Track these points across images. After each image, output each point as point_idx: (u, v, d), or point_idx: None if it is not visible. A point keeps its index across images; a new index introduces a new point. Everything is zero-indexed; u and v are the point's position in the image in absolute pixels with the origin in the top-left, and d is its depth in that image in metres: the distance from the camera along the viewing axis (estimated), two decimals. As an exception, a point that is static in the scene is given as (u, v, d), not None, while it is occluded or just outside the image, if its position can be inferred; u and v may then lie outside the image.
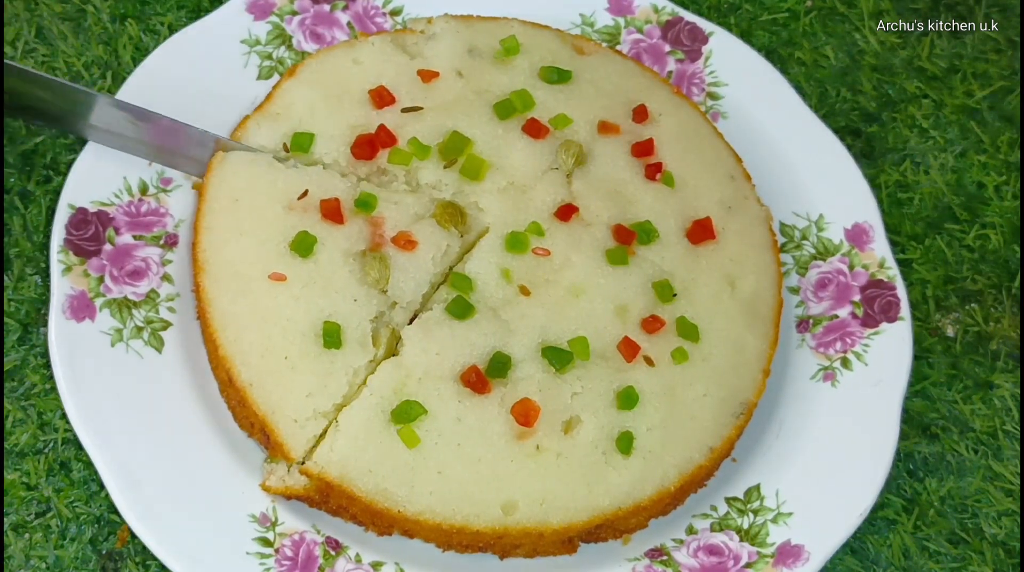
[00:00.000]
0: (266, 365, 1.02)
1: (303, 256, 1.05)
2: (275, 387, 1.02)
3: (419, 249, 1.07)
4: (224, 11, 1.23)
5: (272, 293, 1.04)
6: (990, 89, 1.39)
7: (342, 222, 1.07)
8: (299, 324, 1.03)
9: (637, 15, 1.30)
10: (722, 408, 1.09)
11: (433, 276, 1.07)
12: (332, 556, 1.03)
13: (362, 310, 1.04)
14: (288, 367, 1.02)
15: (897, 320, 1.17)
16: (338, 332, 1.02)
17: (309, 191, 1.08)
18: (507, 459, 1.02)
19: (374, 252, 1.06)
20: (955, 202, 1.33)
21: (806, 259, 1.22)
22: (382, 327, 1.04)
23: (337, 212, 1.07)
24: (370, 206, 1.08)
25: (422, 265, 1.06)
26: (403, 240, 1.07)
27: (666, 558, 1.07)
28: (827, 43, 1.40)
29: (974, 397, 1.23)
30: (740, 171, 1.21)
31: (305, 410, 1.01)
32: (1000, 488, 1.19)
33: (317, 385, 1.02)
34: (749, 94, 1.28)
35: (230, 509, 1.03)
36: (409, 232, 1.07)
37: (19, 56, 1.26)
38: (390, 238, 1.07)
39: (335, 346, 1.02)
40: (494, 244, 1.10)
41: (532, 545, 1.04)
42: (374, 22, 1.26)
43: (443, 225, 1.08)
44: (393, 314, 1.05)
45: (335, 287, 1.04)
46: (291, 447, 1.01)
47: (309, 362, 1.02)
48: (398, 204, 1.09)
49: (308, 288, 1.04)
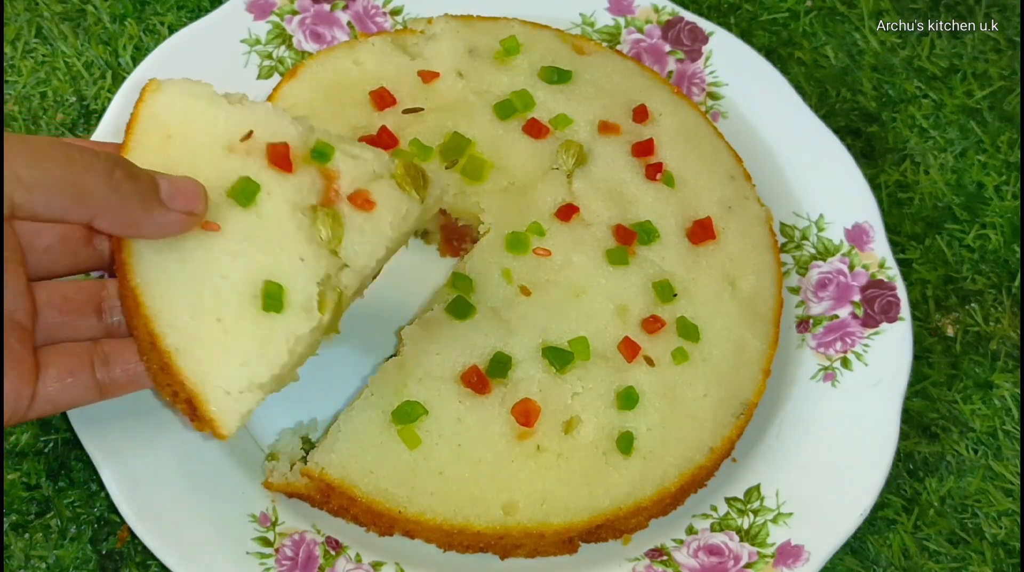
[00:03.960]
0: (196, 328, 0.89)
1: (243, 205, 0.92)
2: (205, 354, 0.88)
3: (377, 210, 0.95)
4: (224, 10, 1.23)
5: (205, 245, 0.90)
6: (990, 89, 1.39)
7: (290, 170, 0.94)
8: (236, 283, 0.90)
9: (637, 15, 1.30)
10: (722, 408, 1.09)
11: (390, 241, 0.96)
12: (332, 556, 1.03)
13: (309, 271, 0.91)
14: (221, 331, 0.89)
15: (897, 320, 1.17)
16: (280, 293, 0.90)
17: (255, 133, 0.94)
18: (508, 459, 1.02)
19: (326, 208, 0.94)
20: (955, 202, 1.33)
21: (806, 259, 1.22)
22: (329, 291, 0.92)
23: (285, 158, 0.94)
24: (325, 157, 0.96)
25: (379, 228, 0.95)
26: (361, 199, 0.95)
27: (666, 558, 1.07)
28: (827, 43, 1.40)
29: (974, 397, 1.23)
30: (740, 171, 1.21)
31: (239, 381, 0.88)
32: (1000, 488, 1.19)
33: (254, 352, 0.89)
34: (749, 94, 1.28)
35: (230, 509, 1.03)
36: (367, 190, 0.95)
37: (19, 56, 1.26)
38: (346, 195, 0.95)
39: (276, 309, 0.90)
40: (494, 244, 1.10)
41: (533, 545, 1.04)
42: (374, 22, 1.26)
43: (403, 187, 0.97)
44: (342, 277, 0.93)
45: (279, 243, 0.91)
46: (222, 422, 0.88)
47: (246, 326, 0.89)
48: (356, 159, 0.96)
49: (248, 242, 0.91)
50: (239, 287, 0.90)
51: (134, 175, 0.83)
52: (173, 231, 0.88)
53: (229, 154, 0.93)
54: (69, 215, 0.81)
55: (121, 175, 0.82)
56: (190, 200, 0.88)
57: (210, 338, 0.89)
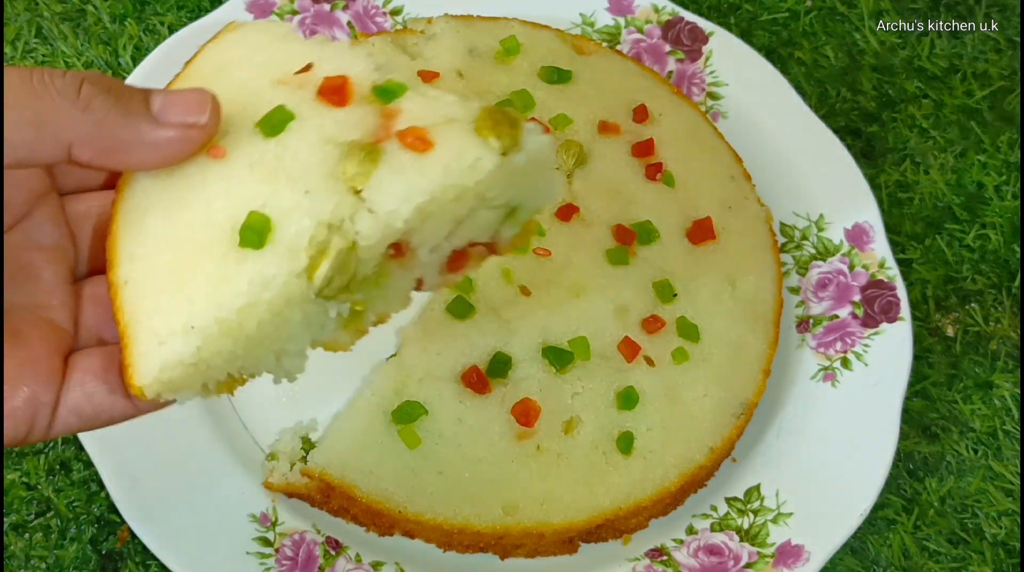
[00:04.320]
0: (155, 260, 0.70)
1: (267, 134, 0.71)
2: (151, 289, 0.69)
3: (432, 153, 0.68)
4: (224, 10, 1.22)
5: (203, 170, 0.70)
6: (990, 89, 1.39)
7: (341, 104, 0.72)
8: (218, 212, 0.68)
9: (637, 15, 1.30)
10: (722, 408, 1.09)
11: (436, 188, 0.66)
12: (332, 556, 1.03)
13: (312, 205, 0.67)
14: (181, 265, 0.69)
15: (897, 320, 1.17)
16: (264, 227, 0.67)
17: (316, 66, 0.74)
18: (508, 459, 1.02)
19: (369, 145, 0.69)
20: (955, 202, 1.33)
21: (806, 259, 1.22)
22: (335, 236, 0.67)
23: (339, 91, 0.73)
24: (391, 94, 0.72)
25: (425, 170, 0.67)
26: (414, 136, 0.69)
27: (666, 558, 1.06)
28: (827, 43, 1.40)
29: (974, 397, 1.23)
30: (740, 171, 1.21)
31: (174, 322, 0.66)
32: (1000, 488, 1.19)
33: (204, 290, 0.67)
34: (749, 94, 1.28)
35: (230, 509, 1.03)
36: (427, 129, 0.69)
37: (19, 56, 1.26)
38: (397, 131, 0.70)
39: (253, 244, 0.67)
40: (494, 244, 1.10)
41: (533, 545, 1.04)
42: (374, 22, 1.26)
43: (480, 132, 0.68)
44: (358, 222, 0.66)
45: (288, 172, 0.69)
46: (136, 369, 0.66)
47: (211, 261, 0.67)
48: (433, 100, 0.72)
49: (251, 169, 0.70)
50: (220, 218, 0.68)
51: (110, 88, 0.66)
52: (171, 151, 0.68)
53: (277, 87, 0.74)
54: (39, 152, 0.64)
55: (91, 90, 0.65)
56: (190, 109, 0.68)
57: (165, 272, 0.69)
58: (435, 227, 0.69)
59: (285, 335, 0.68)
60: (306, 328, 0.69)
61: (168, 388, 0.66)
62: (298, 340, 0.69)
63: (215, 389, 0.68)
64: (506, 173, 0.68)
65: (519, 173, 0.69)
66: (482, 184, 0.68)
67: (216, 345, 0.66)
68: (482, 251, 0.74)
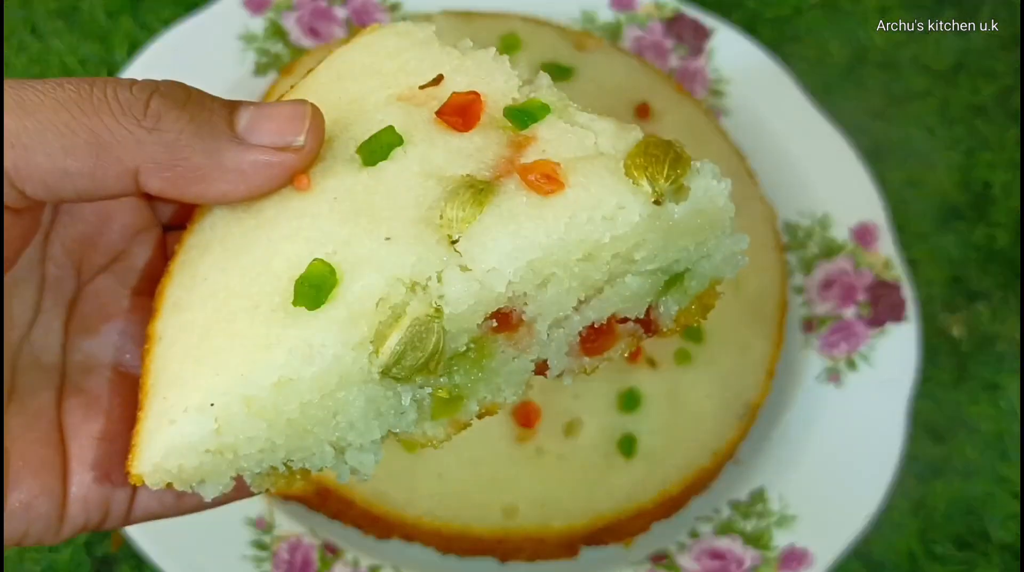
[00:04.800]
0: (196, 314, 0.55)
1: (366, 162, 0.56)
2: (182, 350, 0.55)
3: (562, 196, 0.53)
4: (218, 6, 1.22)
5: (277, 204, 0.56)
6: (996, 86, 1.38)
7: (464, 129, 0.57)
8: (283, 258, 0.54)
9: (639, 11, 1.29)
10: (725, 410, 1.08)
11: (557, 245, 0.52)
12: (329, 560, 1.02)
13: (389, 257, 0.52)
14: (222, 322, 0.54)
15: (903, 320, 1.16)
16: (327, 280, 0.52)
17: (444, 78, 0.59)
18: (508, 462, 1.01)
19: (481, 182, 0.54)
20: (961, 200, 1.32)
21: (811, 258, 1.21)
22: (415, 301, 0.52)
23: (468, 112, 0.58)
24: (529, 118, 0.57)
25: (545, 220, 0.52)
26: (542, 172, 0.53)
27: (669, 562, 1.06)
28: (832, 40, 1.39)
29: (980, 399, 1.21)
30: (744, 169, 1.21)
31: (191, 397, 0.52)
32: (1007, 491, 1.18)
33: (238, 358, 0.52)
34: (753, 91, 1.27)
35: (225, 512, 1.02)
36: (559, 164, 0.54)
37: (13, 52, 1.25)
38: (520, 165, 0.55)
39: (309, 303, 0.52)
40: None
41: (533, 549, 1.03)
42: (372, 18, 1.25)
43: (630, 172, 0.53)
44: (447, 282, 0.52)
45: (373, 213, 0.54)
46: (139, 451, 0.53)
47: (254, 321, 0.53)
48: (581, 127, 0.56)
49: (332, 206, 0.55)
50: (281, 267, 0.54)
51: (186, 101, 0.53)
52: (258, 181, 0.54)
53: (395, 103, 0.59)
54: (102, 182, 0.52)
55: (162, 103, 0.52)
56: (284, 127, 0.54)
57: (201, 330, 0.55)
58: (559, 295, 0.53)
59: (343, 423, 0.52)
60: (374, 416, 0.53)
61: (179, 478, 0.52)
62: (364, 431, 0.53)
63: (259, 484, 0.54)
64: (662, 228, 0.52)
65: (681, 229, 0.53)
66: (624, 241, 0.52)
67: (243, 429, 0.51)
68: (634, 329, 0.58)
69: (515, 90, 0.58)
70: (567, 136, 0.55)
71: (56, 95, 0.51)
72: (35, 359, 0.58)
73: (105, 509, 0.56)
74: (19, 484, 0.54)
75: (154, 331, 0.56)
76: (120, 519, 0.57)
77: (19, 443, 0.54)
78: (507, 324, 0.53)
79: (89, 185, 0.52)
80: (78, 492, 0.55)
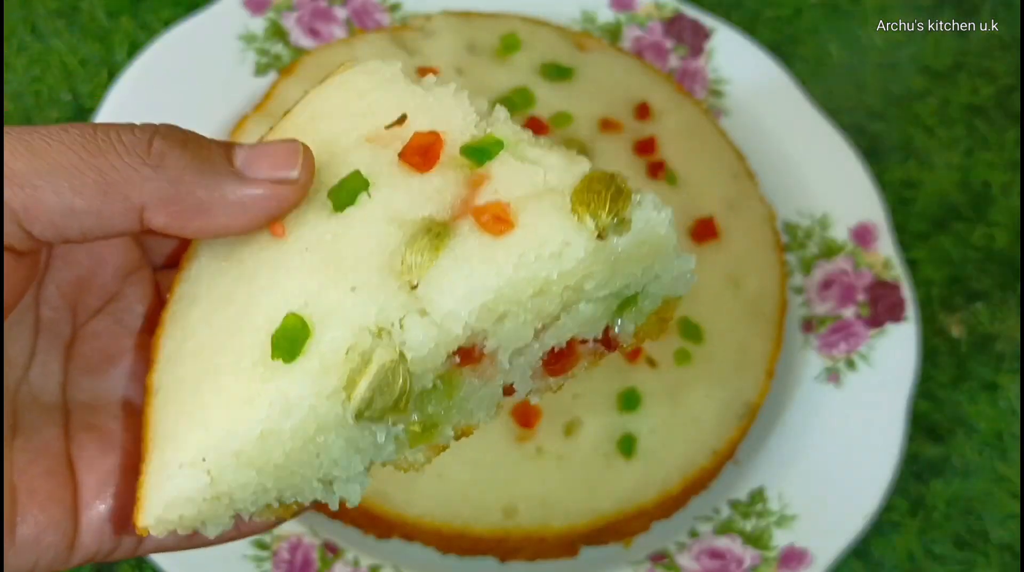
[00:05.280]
0: (187, 367, 0.58)
1: (335, 207, 0.58)
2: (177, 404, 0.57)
3: (512, 236, 0.55)
4: (220, 6, 1.22)
5: (258, 254, 0.58)
6: (996, 86, 1.38)
7: (423, 169, 0.59)
8: (261, 311, 0.56)
9: (639, 11, 1.29)
10: (725, 409, 1.08)
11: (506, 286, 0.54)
12: (330, 559, 1.02)
13: (357, 307, 0.54)
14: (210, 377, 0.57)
15: (903, 320, 1.16)
16: (301, 334, 0.55)
17: (409, 117, 0.61)
18: (507, 462, 1.01)
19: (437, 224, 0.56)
20: (961, 200, 1.32)
21: (810, 258, 1.21)
22: (381, 349, 0.54)
23: (423, 152, 0.59)
24: (485, 155, 0.58)
25: (497, 261, 0.54)
26: (493, 214, 0.55)
27: (669, 561, 1.06)
28: (831, 40, 1.39)
29: (980, 398, 1.21)
30: (743, 169, 1.21)
31: (185, 453, 0.55)
32: (1006, 491, 1.18)
33: (225, 414, 0.55)
34: (753, 91, 1.27)
35: (226, 512, 1.02)
36: (509, 204, 0.56)
37: (13, 53, 1.25)
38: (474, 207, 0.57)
39: (286, 356, 0.54)
40: (494, 243, 1.08)
41: (533, 549, 1.03)
42: (372, 18, 1.25)
43: (576, 209, 0.55)
44: (407, 329, 0.54)
45: (342, 262, 0.56)
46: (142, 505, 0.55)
47: (238, 377, 0.56)
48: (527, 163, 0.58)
49: (303, 256, 0.57)
50: (260, 320, 0.56)
51: (185, 141, 0.56)
52: (259, 212, 0.56)
53: (363, 144, 0.61)
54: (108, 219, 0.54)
55: (164, 144, 0.55)
56: (279, 163, 0.57)
57: (192, 384, 0.57)
58: (516, 328, 0.55)
59: (327, 462, 0.55)
60: (354, 452, 0.56)
61: (181, 525, 0.55)
62: (347, 466, 0.56)
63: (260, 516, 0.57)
64: (607, 260, 0.55)
65: (626, 259, 0.55)
66: (572, 275, 0.54)
67: (234, 478, 0.54)
68: (595, 348, 0.61)
69: (473, 126, 0.59)
70: (518, 174, 0.57)
71: (62, 138, 0.53)
72: (35, 398, 0.59)
73: (117, 539, 0.58)
74: (27, 517, 0.56)
75: (151, 384, 0.59)
76: (131, 549, 0.59)
77: (26, 477, 0.56)
78: (470, 358, 0.56)
79: (95, 223, 0.54)
80: (90, 523, 0.57)
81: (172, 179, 0.54)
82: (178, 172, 0.54)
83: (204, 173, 0.55)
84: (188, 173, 0.55)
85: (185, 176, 0.55)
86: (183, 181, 0.54)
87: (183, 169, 0.55)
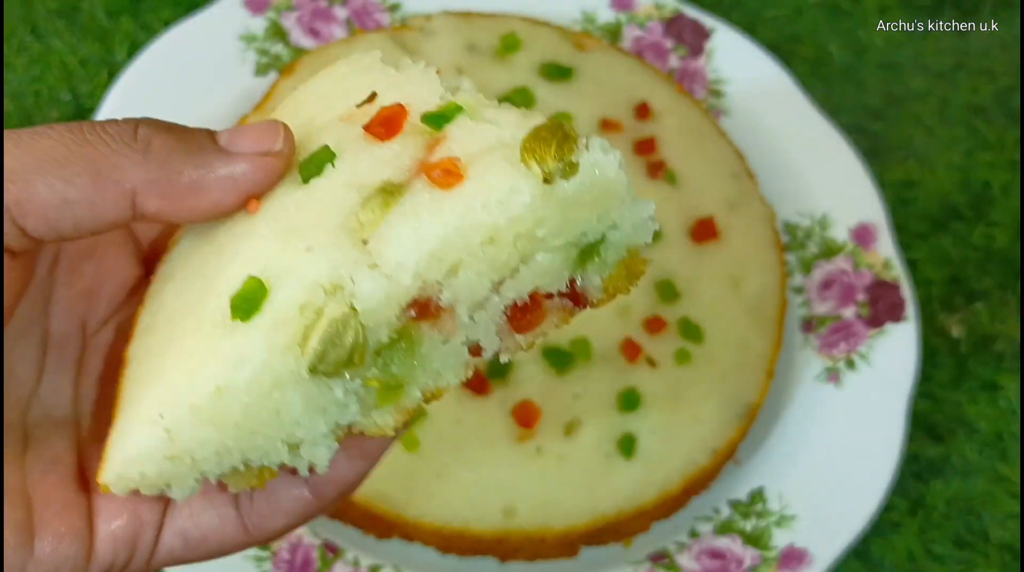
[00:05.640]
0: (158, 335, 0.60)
1: (303, 179, 0.60)
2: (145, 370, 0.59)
3: (460, 188, 0.56)
4: (220, 6, 1.22)
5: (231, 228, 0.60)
6: (996, 86, 1.38)
7: (387, 137, 0.60)
8: (224, 277, 0.58)
9: (639, 11, 1.29)
10: (725, 409, 1.08)
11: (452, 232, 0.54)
12: (330, 560, 1.02)
13: (311, 265, 0.55)
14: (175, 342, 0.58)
15: (903, 320, 1.16)
16: (258, 295, 0.56)
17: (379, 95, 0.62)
18: (507, 462, 1.01)
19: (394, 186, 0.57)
20: (961, 200, 1.32)
21: (810, 258, 1.21)
22: (333, 304, 0.55)
23: (391, 123, 0.61)
24: (443, 119, 0.59)
25: (443, 212, 0.55)
26: (444, 169, 0.56)
27: (669, 561, 1.06)
28: (831, 40, 1.39)
29: (980, 398, 1.21)
30: (743, 169, 1.20)
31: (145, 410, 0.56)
32: (1006, 491, 1.18)
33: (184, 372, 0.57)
34: (753, 91, 1.27)
35: (226, 512, 1.02)
36: (459, 159, 0.56)
37: (13, 52, 1.25)
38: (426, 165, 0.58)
39: (243, 316, 0.56)
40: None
41: (533, 549, 1.03)
42: (372, 18, 1.25)
43: (524, 158, 0.55)
44: (359, 283, 0.54)
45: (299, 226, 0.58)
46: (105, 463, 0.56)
47: (198, 338, 0.57)
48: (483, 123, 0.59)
49: (272, 224, 0.59)
50: (224, 286, 0.57)
51: (169, 128, 0.57)
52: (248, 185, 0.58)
53: (336, 123, 0.63)
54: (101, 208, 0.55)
55: (148, 130, 0.56)
56: (261, 138, 0.59)
57: (160, 350, 0.59)
58: (470, 279, 0.55)
59: (288, 421, 0.56)
60: (317, 412, 0.56)
61: (143, 484, 0.55)
62: (309, 426, 0.56)
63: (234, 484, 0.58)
64: (557, 205, 0.55)
65: (578, 203, 0.56)
66: (521, 221, 0.54)
67: (194, 435, 0.54)
68: (563, 303, 0.60)
69: (438, 97, 0.60)
70: (474, 133, 0.57)
71: (49, 134, 0.54)
72: (47, 413, 0.60)
73: (132, 546, 0.58)
74: (43, 527, 0.56)
75: (125, 356, 0.60)
76: (144, 557, 0.59)
77: (40, 488, 0.57)
78: (427, 312, 0.56)
79: (88, 214, 0.54)
80: (106, 530, 0.57)
81: (161, 161, 0.55)
82: (166, 154, 0.56)
83: (191, 153, 0.56)
84: (176, 154, 0.56)
85: (173, 157, 0.56)
86: (172, 162, 0.56)
87: (170, 151, 0.56)
